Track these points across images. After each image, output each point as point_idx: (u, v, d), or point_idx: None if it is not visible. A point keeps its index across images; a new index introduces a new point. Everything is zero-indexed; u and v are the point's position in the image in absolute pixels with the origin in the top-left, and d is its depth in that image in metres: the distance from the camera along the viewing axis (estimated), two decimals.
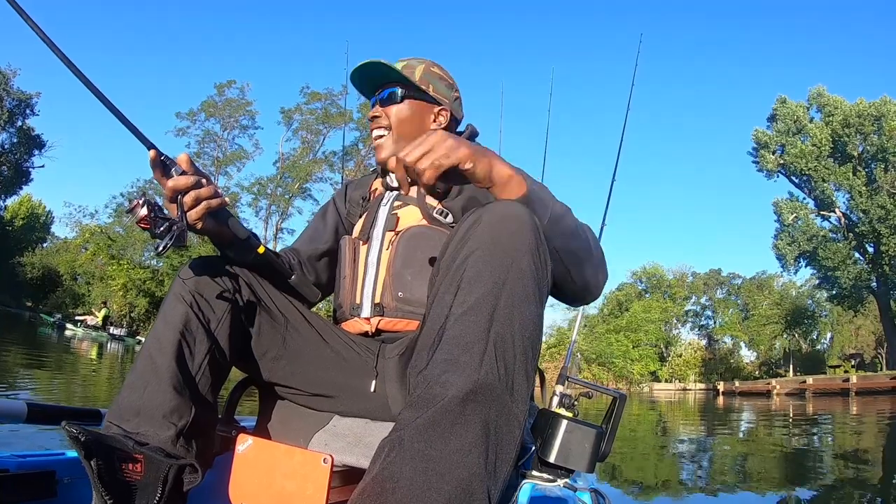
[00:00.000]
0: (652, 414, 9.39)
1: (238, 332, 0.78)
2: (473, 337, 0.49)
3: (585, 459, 0.72)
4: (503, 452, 0.48)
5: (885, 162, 22.52)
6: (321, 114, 23.42)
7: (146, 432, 0.66)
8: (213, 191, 0.71)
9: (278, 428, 0.85)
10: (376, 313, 0.86)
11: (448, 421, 0.46)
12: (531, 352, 0.52)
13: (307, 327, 0.85)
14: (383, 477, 0.45)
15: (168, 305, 0.73)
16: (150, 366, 0.69)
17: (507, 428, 0.48)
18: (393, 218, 0.91)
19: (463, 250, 0.54)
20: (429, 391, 0.48)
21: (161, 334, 0.71)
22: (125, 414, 0.67)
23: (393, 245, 0.87)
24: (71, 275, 24.61)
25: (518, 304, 0.51)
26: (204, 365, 0.72)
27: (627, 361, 28.39)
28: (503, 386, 0.49)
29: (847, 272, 23.55)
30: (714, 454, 4.40)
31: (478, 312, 0.50)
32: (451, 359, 0.49)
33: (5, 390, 3.90)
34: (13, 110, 25.16)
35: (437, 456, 0.45)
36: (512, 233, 0.54)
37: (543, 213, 0.63)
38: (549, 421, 0.75)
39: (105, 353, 11.86)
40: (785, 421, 8.22)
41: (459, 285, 0.52)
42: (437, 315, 0.53)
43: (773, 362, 34.11)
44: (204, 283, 0.75)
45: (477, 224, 0.55)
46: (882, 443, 5.46)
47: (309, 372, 0.83)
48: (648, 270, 36.74)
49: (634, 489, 2.75)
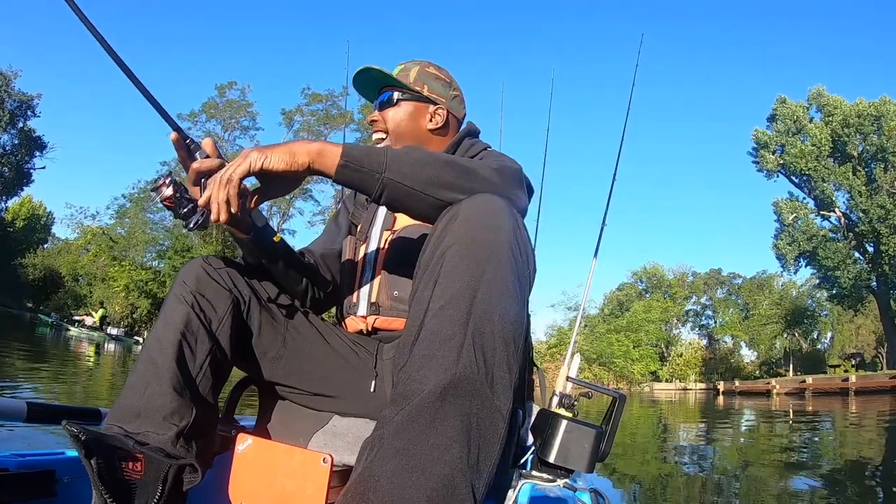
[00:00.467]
0: (652, 414, 9.40)
1: (239, 332, 0.78)
2: (451, 331, 0.49)
3: (585, 460, 0.72)
4: (486, 446, 0.47)
5: (885, 162, 22.52)
6: (322, 115, 23.49)
7: (147, 433, 0.66)
8: None
9: (278, 427, 0.85)
10: (372, 312, 0.87)
11: (426, 416, 0.46)
12: (513, 344, 0.51)
13: (308, 327, 0.85)
14: (366, 475, 0.45)
15: (169, 306, 0.73)
16: (150, 367, 0.69)
17: (490, 421, 0.48)
18: (390, 217, 0.92)
19: (441, 246, 0.54)
20: (407, 387, 0.48)
21: (162, 335, 0.71)
22: (126, 415, 0.67)
23: (389, 244, 0.88)
24: (73, 276, 24.64)
25: (497, 297, 0.51)
26: (205, 365, 0.72)
27: (628, 361, 28.38)
28: (483, 379, 0.48)
29: (847, 272, 23.56)
30: (714, 453, 4.41)
31: (455, 307, 0.50)
32: (428, 354, 0.49)
33: (0, 390, 3.90)
34: (14, 112, 25.28)
35: (417, 452, 0.45)
36: (489, 226, 0.53)
37: (377, 160, 0.62)
38: (549, 421, 0.75)
39: (103, 352, 11.99)
40: (785, 420, 8.27)
41: (437, 280, 0.52)
42: (417, 312, 0.53)
43: (773, 362, 34.11)
44: (204, 284, 0.75)
45: (454, 219, 0.55)
46: (881, 441, 5.48)
47: (309, 371, 0.83)
48: (649, 270, 36.76)
49: (634, 489, 2.75)
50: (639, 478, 3.06)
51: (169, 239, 22.39)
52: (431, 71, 0.97)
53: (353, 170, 0.61)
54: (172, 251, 21.69)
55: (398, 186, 0.62)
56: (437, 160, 0.64)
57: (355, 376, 0.84)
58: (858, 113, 23.13)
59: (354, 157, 0.61)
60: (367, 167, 0.61)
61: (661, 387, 29.39)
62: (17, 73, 25.10)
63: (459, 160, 0.67)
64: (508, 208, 0.56)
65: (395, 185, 0.62)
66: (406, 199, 0.63)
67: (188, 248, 21.26)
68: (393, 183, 0.62)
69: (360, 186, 0.63)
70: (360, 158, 0.61)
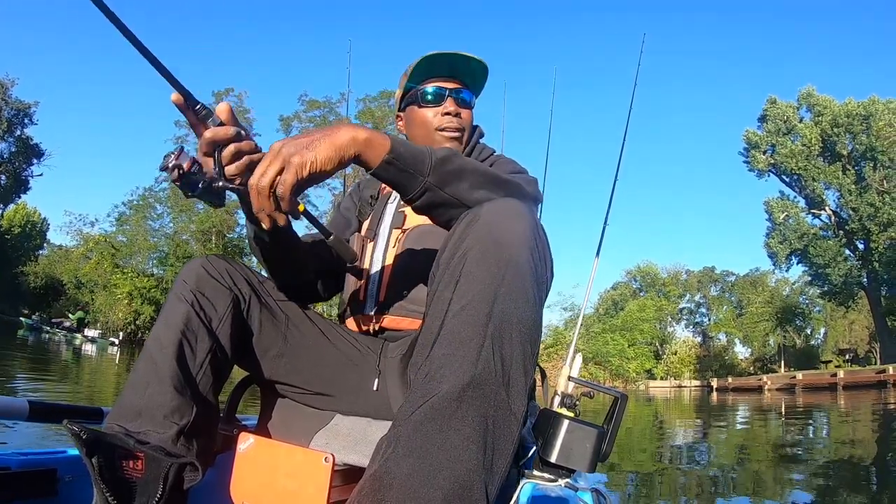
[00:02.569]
0: (648, 412, 9.50)
1: (239, 330, 0.77)
2: (471, 332, 0.49)
3: (586, 459, 0.72)
4: (501, 448, 0.48)
5: (874, 160, 22.84)
6: (320, 121, 23.44)
7: (147, 431, 0.66)
8: (254, 146, 0.64)
9: (280, 427, 0.85)
10: (381, 311, 0.86)
11: (445, 416, 0.46)
12: (529, 348, 0.52)
13: (309, 325, 0.84)
14: (381, 473, 0.45)
15: (169, 305, 0.73)
16: (151, 366, 0.69)
17: (505, 424, 0.48)
18: (400, 216, 0.91)
19: (461, 247, 0.54)
20: (426, 386, 0.48)
21: (162, 334, 0.71)
22: (127, 414, 0.67)
23: (400, 243, 0.87)
24: (74, 284, 24.44)
25: (516, 300, 0.51)
26: (205, 364, 0.72)
27: (623, 360, 28.56)
28: (500, 381, 0.48)
29: (837, 269, 23.87)
30: (709, 447, 4.47)
31: (476, 308, 0.50)
32: (448, 353, 0.49)
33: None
34: (12, 119, 25.24)
35: (434, 451, 0.45)
36: (510, 229, 0.53)
37: (422, 162, 0.60)
38: (551, 421, 0.75)
39: (81, 353, 12.48)
40: (776, 414, 8.45)
41: (458, 281, 0.52)
42: (437, 311, 0.53)
43: (767, 358, 34.44)
44: (204, 283, 0.74)
45: (475, 221, 0.55)
46: (868, 431, 5.71)
47: (311, 370, 0.83)
48: (643, 269, 36.98)
49: (629, 487, 2.77)
50: (637, 473, 3.08)
51: (169, 246, 22.37)
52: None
53: (398, 168, 0.59)
54: (174, 257, 21.67)
55: (438, 193, 0.61)
56: (476, 170, 0.64)
57: (357, 375, 0.84)
58: (848, 113, 23.44)
59: (401, 155, 0.59)
60: (412, 168, 0.60)
61: (657, 384, 29.58)
62: (15, 81, 25.12)
63: (495, 173, 0.68)
64: (529, 212, 0.56)
65: (435, 191, 0.61)
66: (441, 206, 0.62)
67: (189, 256, 21.24)
68: (434, 188, 0.61)
69: (399, 185, 0.61)
70: (406, 157, 0.59)
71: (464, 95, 0.92)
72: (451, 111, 0.91)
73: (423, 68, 0.91)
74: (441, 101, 0.91)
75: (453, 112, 0.91)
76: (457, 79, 0.92)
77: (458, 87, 0.92)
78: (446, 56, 0.89)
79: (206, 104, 0.61)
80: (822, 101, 24.55)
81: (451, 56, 0.89)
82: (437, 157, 0.62)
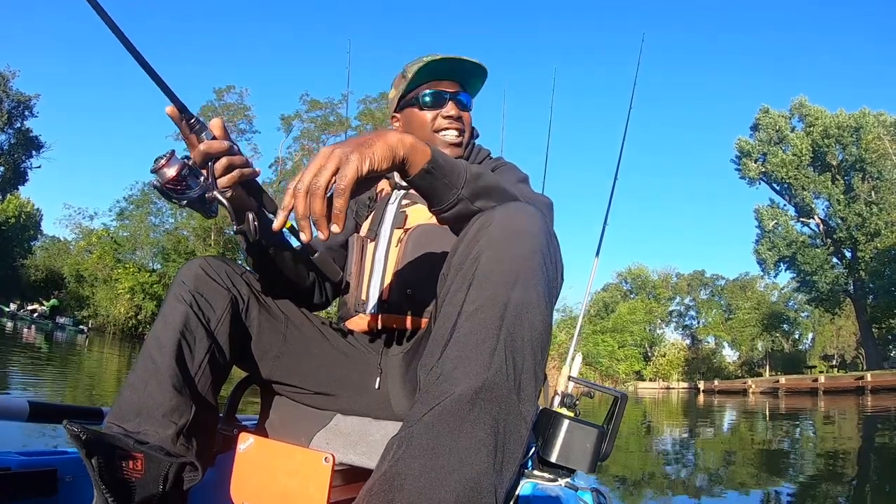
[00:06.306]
0: (638, 412, 9.68)
1: (238, 330, 0.77)
2: (484, 335, 0.49)
3: (586, 459, 0.73)
4: (510, 452, 0.48)
5: (863, 171, 23.28)
6: (320, 121, 23.36)
7: (147, 431, 0.65)
8: (245, 160, 0.67)
9: (280, 427, 0.84)
10: (382, 310, 0.86)
11: (458, 418, 0.46)
12: (540, 352, 0.52)
13: (308, 325, 0.84)
14: (392, 473, 0.45)
15: (168, 306, 0.73)
16: (150, 365, 0.69)
17: (515, 427, 0.48)
18: (401, 215, 0.91)
19: (475, 249, 0.54)
20: (438, 388, 0.48)
21: (161, 334, 0.70)
22: (126, 414, 0.66)
23: (402, 242, 0.87)
24: (75, 278, 24.09)
25: (528, 304, 0.51)
26: (204, 364, 0.71)
27: (613, 361, 28.82)
28: (511, 385, 0.49)
29: (825, 276, 24.28)
30: (697, 446, 4.55)
31: (489, 311, 0.50)
32: (461, 356, 0.49)
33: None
34: (12, 112, 24.98)
35: (445, 452, 0.45)
36: (523, 233, 0.54)
37: (458, 174, 0.60)
38: (551, 420, 0.76)
39: (53, 339, 12.87)
40: (762, 416, 8.79)
41: (471, 284, 0.52)
42: (449, 313, 0.53)
43: (754, 362, 34.93)
44: (203, 283, 0.74)
45: (488, 224, 0.55)
46: (844, 432, 6.05)
47: (310, 369, 0.82)
48: (634, 271, 37.30)
49: (633, 487, 2.79)
50: (629, 472, 3.11)
51: (170, 241, 22.20)
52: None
53: (435, 178, 0.58)
54: (175, 254, 21.50)
55: (468, 206, 0.61)
56: (505, 191, 0.65)
57: (357, 374, 0.83)
58: (838, 124, 23.83)
59: (440, 165, 0.58)
60: (448, 179, 0.59)
61: (645, 386, 29.91)
62: (16, 73, 24.87)
63: (517, 189, 0.69)
64: (541, 217, 0.56)
65: (465, 204, 0.61)
66: (466, 217, 0.60)
67: (190, 252, 21.12)
68: (465, 201, 0.60)
69: (433, 195, 0.60)
70: (444, 168, 0.59)
71: (464, 98, 0.94)
72: (453, 115, 0.92)
73: (424, 71, 0.91)
74: (442, 104, 0.92)
75: (455, 115, 0.92)
76: (456, 82, 0.93)
77: (458, 90, 0.93)
78: (447, 59, 0.90)
79: (199, 118, 0.64)
80: (813, 112, 24.91)
81: (451, 59, 0.90)
82: (472, 172, 0.62)
